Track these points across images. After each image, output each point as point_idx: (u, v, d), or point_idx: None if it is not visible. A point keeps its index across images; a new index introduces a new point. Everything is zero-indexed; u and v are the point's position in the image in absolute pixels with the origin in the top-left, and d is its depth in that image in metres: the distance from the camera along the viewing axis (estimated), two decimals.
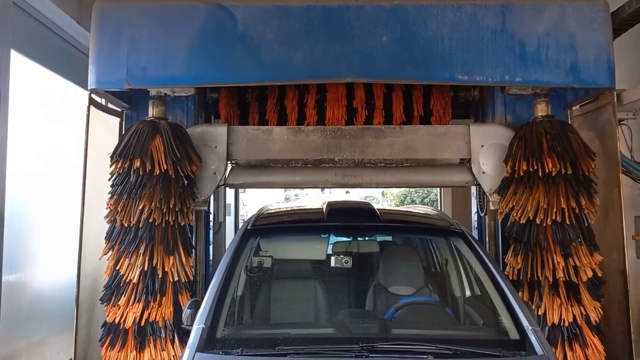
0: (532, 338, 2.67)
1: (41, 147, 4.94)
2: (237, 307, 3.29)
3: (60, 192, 5.04)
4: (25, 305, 4.62)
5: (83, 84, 3.87)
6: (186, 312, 3.01)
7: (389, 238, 4.51)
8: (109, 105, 4.19)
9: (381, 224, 3.89)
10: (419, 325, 3.19)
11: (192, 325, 2.83)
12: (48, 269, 4.95)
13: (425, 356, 2.52)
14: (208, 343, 2.66)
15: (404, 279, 3.66)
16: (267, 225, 3.93)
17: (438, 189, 9.51)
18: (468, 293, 3.70)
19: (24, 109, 4.44)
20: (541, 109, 3.86)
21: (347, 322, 3.13)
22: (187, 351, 2.61)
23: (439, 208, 8.92)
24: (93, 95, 3.88)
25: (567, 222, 3.53)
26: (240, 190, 9.30)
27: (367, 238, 4.01)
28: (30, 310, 4.69)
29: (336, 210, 4.09)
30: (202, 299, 3.03)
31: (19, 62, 4.38)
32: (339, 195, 13.61)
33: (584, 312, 3.52)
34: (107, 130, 4.18)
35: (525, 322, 2.78)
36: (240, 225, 4.69)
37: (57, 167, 5.02)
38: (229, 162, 4.19)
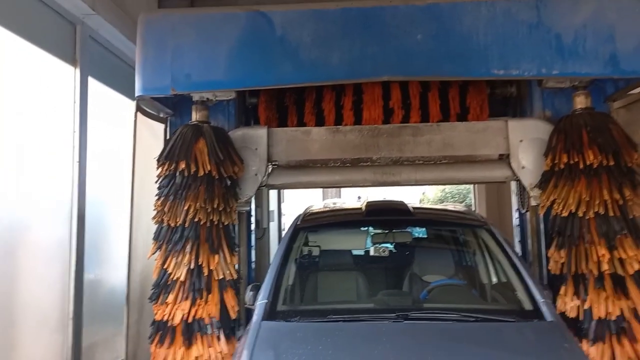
0: (544, 309, 3.11)
1: (113, 152, 5.30)
2: (292, 287, 3.77)
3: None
4: (101, 301, 4.95)
5: None
6: (248, 293, 3.61)
7: (421, 229, 5.04)
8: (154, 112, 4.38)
9: (414, 217, 4.27)
10: (447, 301, 3.57)
11: (254, 304, 3.38)
12: (119, 266, 5.18)
13: (450, 322, 3.02)
14: (271, 314, 3.19)
15: (435, 265, 4.09)
16: (314, 221, 4.33)
17: (472, 194, 9.60)
18: (491, 277, 4.00)
19: (94, 120, 4.86)
20: (580, 102, 3.82)
21: (386, 299, 3.60)
22: (254, 321, 3.12)
23: (471, 207, 9.25)
24: (140, 103, 4.07)
25: (611, 215, 3.47)
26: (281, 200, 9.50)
27: (401, 230, 4.43)
28: (106, 305, 4.99)
29: (374, 207, 4.36)
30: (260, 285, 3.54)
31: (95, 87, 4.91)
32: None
33: (632, 306, 3.44)
34: (153, 136, 4.36)
35: (538, 296, 3.20)
36: (285, 228, 5.01)
37: (121, 169, 5.30)
38: (269, 163, 4.29)
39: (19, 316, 3.92)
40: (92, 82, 4.80)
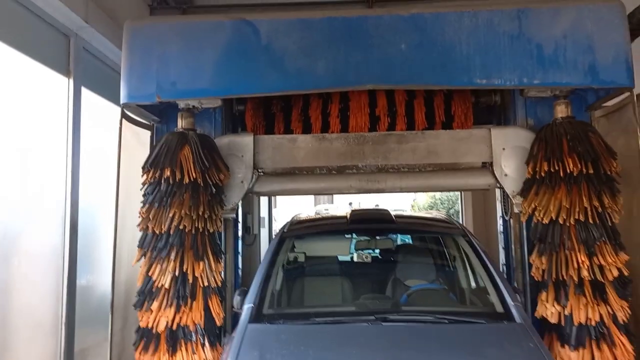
0: (514, 311, 3.34)
1: (105, 160, 5.34)
2: (277, 292, 3.92)
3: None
4: (93, 306, 5.01)
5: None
6: (236, 298, 3.70)
7: (402, 236, 5.35)
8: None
9: (395, 225, 4.47)
10: (425, 305, 3.73)
11: (241, 308, 3.52)
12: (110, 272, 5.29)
13: (426, 324, 3.23)
14: (257, 317, 3.38)
15: (415, 270, 4.25)
16: (300, 229, 4.49)
17: (460, 201, 9.77)
18: (467, 280, 4.19)
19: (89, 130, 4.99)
20: (561, 111, 3.89)
21: (366, 303, 3.76)
22: (241, 323, 3.30)
23: (460, 215, 9.52)
24: (125, 110, 4.08)
25: (591, 222, 3.52)
26: (272, 206, 9.58)
27: (383, 237, 4.65)
28: (97, 311, 5.03)
29: (358, 216, 4.54)
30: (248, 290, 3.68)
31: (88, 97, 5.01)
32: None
33: (611, 312, 3.49)
34: (139, 143, 4.37)
35: (509, 300, 3.43)
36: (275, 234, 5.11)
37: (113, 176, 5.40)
38: (255, 170, 4.32)
39: (13, 321, 3.98)
40: (85, 92, 4.89)
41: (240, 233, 4.87)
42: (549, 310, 3.60)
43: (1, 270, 3.84)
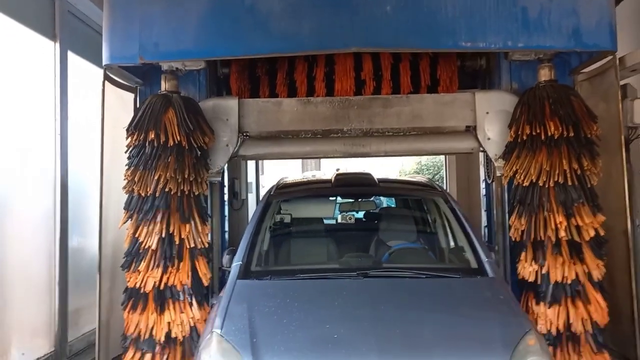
0: (487, 267, 3.50)
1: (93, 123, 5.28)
2: (264, 251, 4.05)
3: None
4: (85, 268, 5.03)
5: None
6: (225, 257, 3.83)
7: (384, 198, 5.64)
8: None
9: (377, 188, 4.62)
10: (404, 262, 3.85)
11: (230, 266, 3.65)
12: None
13: (404, 279, 3.41)
14: (245, 274, 3.50)
15: (396, 231, 4.36)
16: (286, 192, 4.61)
17: (444, 166, 9.88)
18: (446, 240, 4.32)
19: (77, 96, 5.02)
20: (544, 74, 3.90)
21: (349, 260, 3.91)
22: (230, 279, 3.46)
23: (444, 181, 9.68)
24: (108, 72, 4.03)
25: (570, 184, 3.59)
26: (260, 172, 9.59)
27: (366, 200, 4.81)
28: (89, 272, 4.99)
29: (342, 179, 4.59)
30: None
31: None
32: None
33: (586, 270, 3.60)
34: (123, 106, 4.34)
35: (483, 257, 3.58)
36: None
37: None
38: (240, 134, 4.32)
39: (9, 283, 4.04)
40: (72, 56, 4.86)
41: (226, 197, 4.91)
42: (527, 269, 3.70)
43: None
